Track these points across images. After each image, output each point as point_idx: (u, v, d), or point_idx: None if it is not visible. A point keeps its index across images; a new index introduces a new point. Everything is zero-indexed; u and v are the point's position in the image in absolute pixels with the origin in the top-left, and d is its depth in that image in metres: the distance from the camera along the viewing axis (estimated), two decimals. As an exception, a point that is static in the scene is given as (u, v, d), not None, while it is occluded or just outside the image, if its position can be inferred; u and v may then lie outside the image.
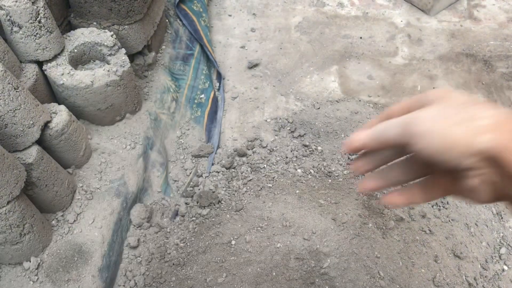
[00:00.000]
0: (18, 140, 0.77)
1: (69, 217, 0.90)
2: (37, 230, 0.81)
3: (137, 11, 1.06)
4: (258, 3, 1.70)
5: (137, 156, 1.04)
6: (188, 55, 1.38)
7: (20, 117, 0.75)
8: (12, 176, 0.70)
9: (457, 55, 1.51)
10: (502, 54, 1.51)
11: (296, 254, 1.03)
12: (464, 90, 1.39)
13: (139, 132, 1.08)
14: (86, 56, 1.02)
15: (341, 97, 1.38)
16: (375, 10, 1.68)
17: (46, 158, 0.82)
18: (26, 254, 0.82)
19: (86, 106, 0.98)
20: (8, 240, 0.77)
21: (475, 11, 1.69)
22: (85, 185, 0.95)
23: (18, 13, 0.81)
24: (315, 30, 1.60)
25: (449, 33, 1.59)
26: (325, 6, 1.70)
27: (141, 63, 1.19)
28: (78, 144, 0.92)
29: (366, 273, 1.01)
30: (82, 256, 0.87)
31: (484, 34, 1.59)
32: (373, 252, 1.03)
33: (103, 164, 0.99)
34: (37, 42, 0.87)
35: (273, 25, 1.62)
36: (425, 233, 1.07)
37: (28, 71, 0.90)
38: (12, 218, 0.74)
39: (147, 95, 1.18)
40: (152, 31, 1.20)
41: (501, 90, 1.40)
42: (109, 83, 0.95)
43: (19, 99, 0.74)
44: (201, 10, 1.48)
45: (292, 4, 1.71)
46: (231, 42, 1.55)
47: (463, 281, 1.00)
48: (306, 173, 1.17)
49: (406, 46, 1.54)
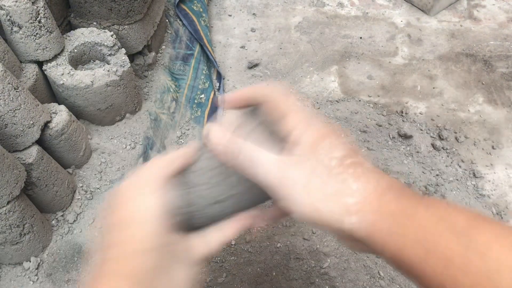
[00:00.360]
0: (18, 140, 0.77)
1: (69, 217, 0.90)
2: (37, 230, 0.81)
3: (137, 11, 1.06)
4: (258, 3, 1.70)
5: (137, 156, 1.04)
6: (188, 55, 1.38)
7: (20, 117, 0.75)
8: (12, 176, 0.70)
9: (457, 55, 1.51)
10: (502, 54, 1.51)
11: (296, 254, 1.03)
12: (464, 90, 1.39)
13: (139, 132, 1.08)
14: (86, 56, 1.02)
15: (341, 97, 1.38)
16: (375, 10, 1.68)
17: (46, 158, 0.82)
18: (26, 254, 0.82)
19: (86, 106, 0.98)
20: (8, 240, 0.77)
21: (475, 11, 1.69)
22: (85, 185, 0.95)
23: (18, 13, 0.81)
24: (315, 30, 1.60)
25: (449, 33, 1.59)
26: (325, 6, 1.70)
27: (141, 63, 1.19)
28: (78, 144, 0.92)
29: (366, 273, 1.01)
30: (82, 256, 0.87)
31: (484, 34, 1.59)
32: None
33: (103, 164, 0.99)
34: (37, 42, 0.87)
35: (273, 25, 1.62)
36: (425, 233, 1.07)
37: (28, 71, 0.90)
38: (12, 218, 0.74)
39: (147, 95, 1.18)
40: (152, 31, 1.20)
41: (501, 90, 1.40)
42: (109, 83, 0.95)
43: (19, 99, 0.74)
44: (201, 10, 1.48)
45: (292, 4, 1.71)
46: (231, 42, 1.55)
47: (463, 281, 1.00)
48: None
49: (406, 46, 1.54)
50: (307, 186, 0.35)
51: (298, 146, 0.36)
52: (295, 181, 0.35)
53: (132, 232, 0.36)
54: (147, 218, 0.36)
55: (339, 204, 0.34)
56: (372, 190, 0.33)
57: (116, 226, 0.37)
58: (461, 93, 1.39)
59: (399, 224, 0.32)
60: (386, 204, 0.33)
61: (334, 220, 0.34)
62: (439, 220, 0.30)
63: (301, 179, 0.35)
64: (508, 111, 1.34)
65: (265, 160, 0.37)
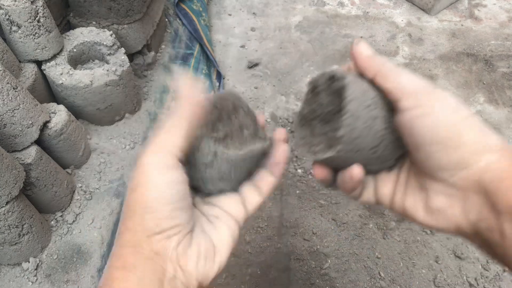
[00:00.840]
0: (17, 140, 0.77)
1: (68, 218, 0.89)
2: (36, 231, 0.81)
3: (136, 10, 1.06)
4: (258, 2, 1.70)
5: (136, 156, 1.04)
6: (188, 55, 1.38)
7: (19, 117, 0.75)
8: (11, 176, 0.70)
9: (458, 55, 1.51)
10: (503, 53, 1.51)
11: (296, 255, 1.03)
12: (465, 90, 1.39)
13: (139, 132, 1.08)
14: (85, 56, 1.02)
15: (341, 96, 1.38)
16: (375, 10, 1.68)
17: (45, 158, 0.82)
18: (25, 255, 0.82)
19: (85, 106, 0.97)
20: (7, 240, 0.76)
21: (476, 11, 1.68)
22: (84, 185, 0.95)
23: (17, 12, 0.81)
24: (315, 29, 1.60)
25: (450, 32, 1.59)
26: (325, 6, 1.70)
27: (141, 62, 1.19)
28: (77, 144, 0.92)
29: (366, 273, 1.00)
30: (81, 257, 0.86)
31: (485, 34, 1.58)
32: (373, 252, 1.03)
33: (102, 164, 0.99)
34: (36, 41, 0.87)
35: (273, 24, 1.61)
36: (426, 233, 1.06)
37: (27, 70, 0.90)
38: (11, 218, 0.74)
39: (146, 95, 1.18)
40: (152, 30, 1.19)
41: (502, 89, 1.40)
42: (108, 82, 0.95)
43: (18, 98, 0.74)
44: (201, 10, 1.48)
45: (292, 3, 1.70)
46: (231, 41, 1.54)
47: (464, 281, 0.99)
48: (307, 173, 1.17)
49: (406, 45, 1.54)
50: (457, 109, 0.32)
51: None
52: (442, 94, 0.33)
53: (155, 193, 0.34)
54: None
55: (483, 140, 0.32)
56: (510, 145, 0.33)
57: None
58: (462, 93, 1.39)
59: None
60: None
61: (472, 150, 0.31)
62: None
63: (448, 97, 0.33)
64: (509, 110, 1.34)
65: (407, 72, 0.35)
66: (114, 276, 0.33)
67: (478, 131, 0.32)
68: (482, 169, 0.31)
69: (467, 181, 0.32)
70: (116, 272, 0.33)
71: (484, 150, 0.31)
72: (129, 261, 0.33)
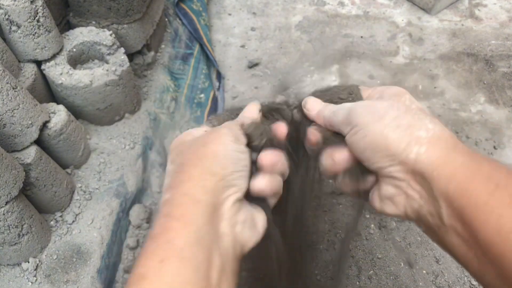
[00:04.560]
0: (16, 140, 0.77)
1: (68, 218, 0.89)
2: (35, 231, 0.81)
3: (136, 10, 1.06)
4: (258, 2, 1.70)
5: (136, 156, 1.04)
6: (188, 55, 1.37)
7: (19, 117, 0.75)
8: (10, 176, 0.70)
9: (458, 55, 1.51)
10: (504, 53, 1.51)
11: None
12: (465, 90, 1.39)
13: (138, 132, 1.08)
14: (85, 56, 1.02)
15: (341, 96, 1.37)
16: (376, 9, 1.67)
17: (44, 158, 0.82)
18: (25, 255, 0.82)
19: (85, 106, 0.97)
20: (7, 241, 0.76)
21: (476, 10, 1.68)
22: (84, 186, 0.95)
23: (17, 12, 0.81)
24: (315, 29, 1.60)
25: (450, 32, 1.59)
26: (325, 5, 1.69)
27: (140, 62, 1.19)
28: (77, 144, 0.92)
29: (367, 274, 1.00)
30: (81, 257, 0.86)
31: (485, 34, 1.58)
32: (374, 253, 1.03)
33: (102, 164, 0.99)
34: (36, 41, 0.87)
35: (273, 24, 1.61)
36: (426, 233, 1.06)
37: (27, 70, 0.90)
38: (11, 218, 0.74)
39: (146, 95, 1.18)
40: (152, 30, 1.19)
41: (502, 89, 1.40)
42: (108, 82, 0.94)
43: (17, 98, 0.74)
44: (200, 9, 1.48)
45: (292, 3, 1.70)
46: (231, 41, 1.54)
47: (465, 282, 0.99)
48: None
49: (407, 45, 1.54)
50: (383, 117, 0.38)
51: (381, 97, 0.43)
52: (375, 108, 0.40)
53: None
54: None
55: (411, 135, 0.36)
56: (447, 133, 0.36)
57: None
58: (462, 93, 1.38)
59: (472, 159, 0.34)
60: (459, 144, 0.36)
61: (400, 149, 0.36)
62: (509, 170, 0.33)
63: (379, 109, 0.39)
64: (510, 111, 1.33)
65: (349, 104, 0.44)
66: (171, 225, 0.34)
67: (404, 129, 0.37)
68: (413, 160, 0.36)
69: (403, 173, 0.37)
70: (173, 222, 0.34)
71: (411, 143, 0.36)
72: (188, 211, 0.35)
